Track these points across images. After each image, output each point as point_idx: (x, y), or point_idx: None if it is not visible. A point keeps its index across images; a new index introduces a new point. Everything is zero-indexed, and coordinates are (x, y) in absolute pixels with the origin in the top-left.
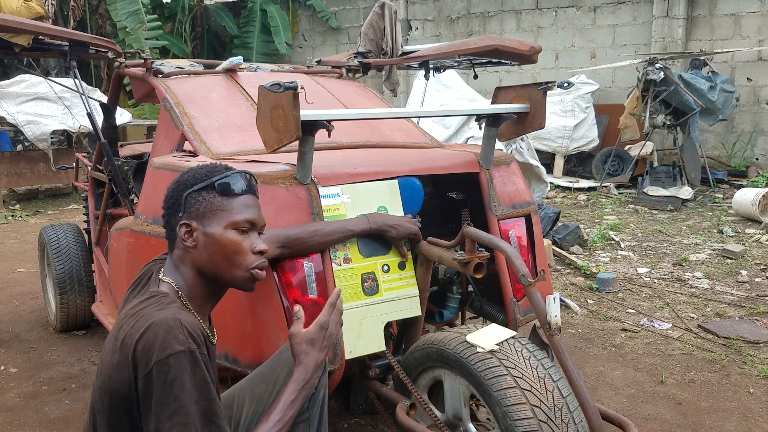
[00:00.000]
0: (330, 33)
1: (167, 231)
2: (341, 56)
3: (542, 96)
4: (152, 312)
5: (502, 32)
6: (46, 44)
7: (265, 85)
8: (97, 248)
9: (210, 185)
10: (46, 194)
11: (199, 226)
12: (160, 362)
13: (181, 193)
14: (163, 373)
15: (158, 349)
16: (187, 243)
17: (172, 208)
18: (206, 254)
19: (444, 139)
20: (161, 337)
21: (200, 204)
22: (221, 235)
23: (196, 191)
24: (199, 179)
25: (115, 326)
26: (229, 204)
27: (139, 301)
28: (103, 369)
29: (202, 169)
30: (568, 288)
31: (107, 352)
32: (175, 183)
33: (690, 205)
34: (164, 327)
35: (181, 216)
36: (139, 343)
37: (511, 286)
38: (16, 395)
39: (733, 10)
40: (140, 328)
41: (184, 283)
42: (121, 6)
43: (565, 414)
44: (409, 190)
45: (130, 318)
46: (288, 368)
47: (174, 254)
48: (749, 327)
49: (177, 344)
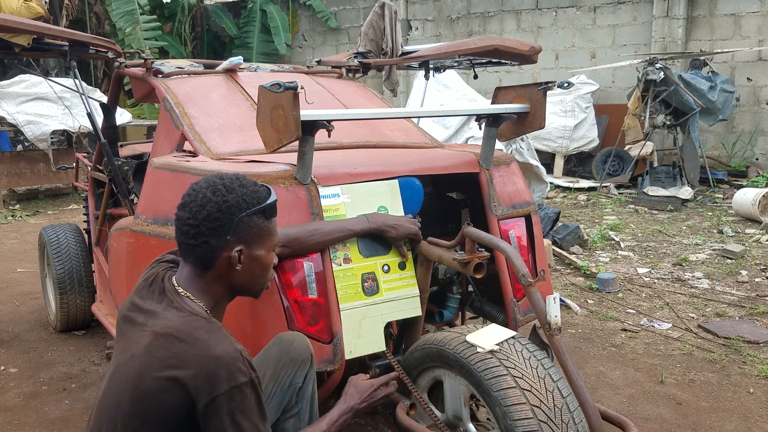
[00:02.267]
0: (330, 33)
1: (201, 249)
2: (341, 56)
3: (542, 96)
4: (207, 340)
5: (502, 32)
6: (46, 44)
7: (265, 85)
8: (97, 248)
9: (261, 210)
10: (46, 194)
11: (247, 250)
12: (226, 393)
13: (232, 216)
14: (229, 401)
15: (224, 381)
16: (237, 267)
17: (217, 229)
18: (248, 275)
19: (444, 139)
20: (226, 371)
21: (251, 228)
22: (266, 258)
23: (248, 216)
24: (250, 203)
25: (148, 339)
26: (272, 227)
27: (178, 319)
28: (139, 384)
29: (246, 190)
30: (568, 288)
31: (145, 367)
32: (222, 203)
33: (690, 205)
34: (228, 360)
35: (230, 239)
36: (200, 373)
37: (511, 286)
38: (16, 395)
39: (733, 10)
40: (201, 358)
41: (211, 301)
42: (117, 6)
43: (565, 414)
44: (409, 190)
45: (179, 342)
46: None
47: (209, 273)
48: (749, 327)
49: (242, 376)
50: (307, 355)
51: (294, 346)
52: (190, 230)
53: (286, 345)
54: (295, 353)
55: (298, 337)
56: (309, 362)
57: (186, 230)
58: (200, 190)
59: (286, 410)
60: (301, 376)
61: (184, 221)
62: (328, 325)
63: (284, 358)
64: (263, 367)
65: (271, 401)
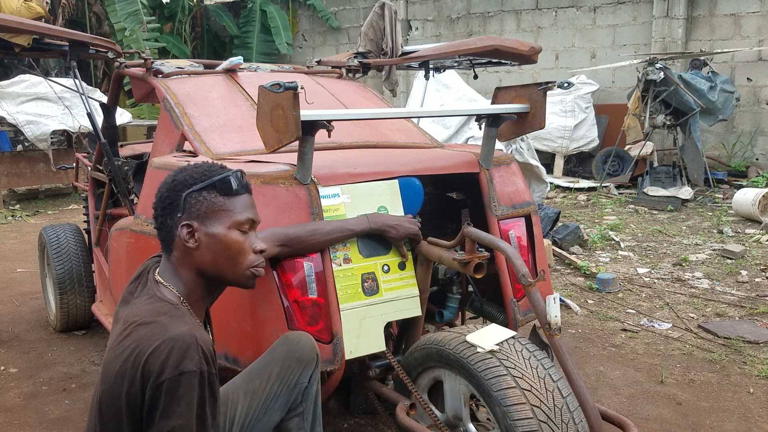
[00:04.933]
0: (330, 33)
1: (161, 232)
2: (341, 56)
3: (542, 96)
4: (166, 324)
5: (502, 32)
6: (46, 44)
7: (265, 85)
8: (97, 248)
9: (210, 185)
10: (46, 194)
11: (200, 227)
12: (171, 378)
13: (179, 193)
14: (172, 389)
15: (172, 365)
16: (189, 244)
17: (168, 208)
18: (209, 255)
19: (444, 139)
20: (176, 354)
21: (201, 204)
22: (225, 236)
23: (196, 191)
24: (198, 179)
25: (119, 328)
26: (230, 204)
27: (146, 305)
28: (108, 374)
29: (199, 168)
30: (568, 288)
31: (113, 357)
32: (171, 182)
33: (690, 205)
34: (180, 344)
35: (180, 216)
36: (152, 356)
37: (511, 286)
38: (16, 395)
39: (733, 10)
40: (155, 341)
41: (183, 287)
42: (120, 7)
43: (565, 414)
44: (410, 190)
45: (140, 327)
46: (281, 364)
47: (173, 256)
48: (749, 327)
49: (191, 364)
50: (313, 355)
51: (300, 346)
52: (153, 214)
53: (293, 345)
54: (301, 353)
55: (305, 336)
56: (315, 362)
57: (154, 216)
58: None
59: (291, 409)
60: (306, 375)
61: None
62: (328, 325)
63: (291, 357)
64: (269, 366)
65: (277, 400)
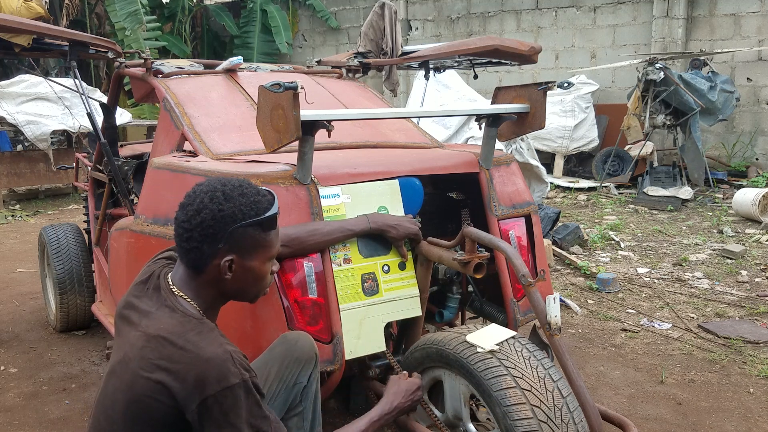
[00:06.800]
0: (330, 33)
1: (193, 254)
2: (341, 56)
3: (542, 96)
4: (196, 341)
5: (502, 32)
6: (46, 44)
7: (265, 85)
8: (97, 248)
9: (257, 223)
10: (46, 194)
11: (240, 260)
12: (216, 394)
13: (225, 226)
14: (218, 404)
15: (214, 382)
16: (227, 276)
17: (210, 237)
18: (239, 284)
19: (444, 139)
20: (216, 371)
21: (246, 240)
22: (260, 268)
23: (242, 227)
24: (247, 214)
25: (140, 338)
26: (270, 239)
27: (169, 319)
28: (126, 383)
29: (246, 200)
30: (568, 288)
31: (138, 369)
32: (218, 212)
33: (690, 205)
34: (217, 362)
35: (222, 248)
36: (189, 374)
37: (511, 286)
38: (16, 395)
39: (733, 10)
40: (191, 360)
41: (203, 302)
42: (120, 6)
43: (565, 414)
44: (410, 190)
45: (169, 345)
46: (279, 364)
47: (200, 277)
48: (749, 327)
49: (232, 377)
50: (311, 354)
51: (299, 345)
52: (184, 233)
53: (291, 344)
54: (299, 352)
55: (303, 336)
56: (313, 361)
57: (181, 232)
58: (199, 194)
59: (290, 409)
60: (305, 375)
61: (179, 223)
62: (328, 325)
63: (289, 357)
64: (268, 365)
65: (276, 400)
